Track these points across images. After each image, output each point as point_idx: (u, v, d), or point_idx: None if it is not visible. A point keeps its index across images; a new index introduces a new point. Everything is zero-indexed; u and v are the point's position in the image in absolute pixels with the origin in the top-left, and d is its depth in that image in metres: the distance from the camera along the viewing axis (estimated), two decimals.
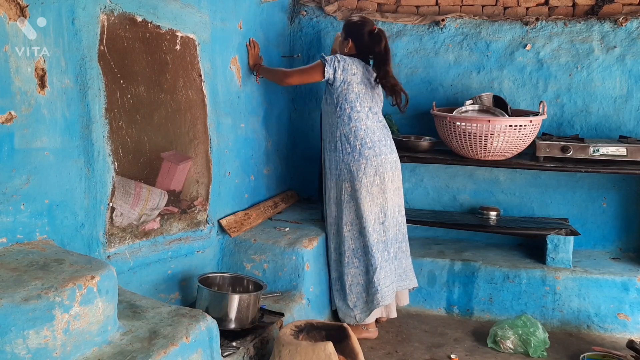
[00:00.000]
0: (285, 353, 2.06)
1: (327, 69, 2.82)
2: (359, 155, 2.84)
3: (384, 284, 2.86)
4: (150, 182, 2.34)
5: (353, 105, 2.85)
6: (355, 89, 2.85)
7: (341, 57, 2.84)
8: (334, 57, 2.85)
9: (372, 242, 2.86)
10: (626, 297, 3.03)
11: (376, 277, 2.84)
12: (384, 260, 2.90)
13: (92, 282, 1.52)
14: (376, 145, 2.87)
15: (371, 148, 2.85)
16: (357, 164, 2.84)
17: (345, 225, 2.91)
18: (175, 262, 2.53)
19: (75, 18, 1.92)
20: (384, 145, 2.91)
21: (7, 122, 1.68)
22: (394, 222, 2.96)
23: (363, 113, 2.87)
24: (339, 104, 2.87)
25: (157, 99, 2.38)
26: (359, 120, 2.85)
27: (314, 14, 3.84)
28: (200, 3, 2.66)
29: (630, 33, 3.35)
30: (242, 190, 3.18)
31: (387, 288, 2.88)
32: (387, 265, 2.91)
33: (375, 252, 2.86)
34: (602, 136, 3.44)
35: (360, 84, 2.87)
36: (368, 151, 2.84)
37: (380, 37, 2.89)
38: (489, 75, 3.60)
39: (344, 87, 2.84)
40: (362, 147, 2.84)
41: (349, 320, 2.93)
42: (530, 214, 3.60)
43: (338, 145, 2.89)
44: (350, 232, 2.91)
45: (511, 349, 2.80)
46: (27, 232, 1.77)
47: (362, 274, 2.90)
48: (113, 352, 1.53)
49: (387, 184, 2.89)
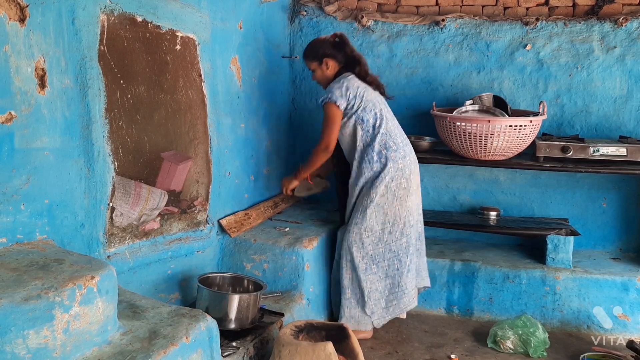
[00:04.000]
0: (285, 353, 2.06)
1: (339, 103, 2.83)
2: (386, 160, 2.82)
3: (410, 286, 2.89)
4: (150, 182, 2.34)
5: (374, 113, 2.86)
6: (369, 96, 2.88)
7: (336, 83, 2.88)
8: (331, 89, 2.86)
9: (399, 247, 2.86)
10: (626, 297, 3.03)
11: (403, 281, 2.85)
12: (413, 264, 2.91)
13: (92, 282, 1.52)
14: (400, 147, 2.87)
15: (396, 151, 2.85)
16: (383, 168, 2.82)
17: (365, 230, 2.85)
18: (175, 262, 2.53)
19: (75, 18, 1.92)
20: (406, 145, 2.92)
21: (7, 122, 1.68)
22: (417, 223, 2.97)
23: (384, 117, 2.88)
24: (359, 117, 2.86)
25: (157, 99, 2.38)
26: (381, 126, 2.85)
27: (314, 14, 3.84)
28: (200, 3, 2.66)
29: (630, 33, 3.35)
30: (242, 190, 3.18)
31: (414, 291, 2.92)
32: (413, 269, 2.92)
33: (403, 257, 2.86)
34: (602, 136, 3.44)
35: (368, 91, 2.90)
36: (394, 154, 2.84)
37: (343, 38, 2.96)
38: (489, 76, 3.60)
39: (358, 102, 2.85)
40: (387, 151, 2.83)
41: (362, 327, 2.89)
42: (530, 214, 3.60)
43: (364, 156, 2.87)
44: (369, 237, 2.85)
45: (511, 349, 2.80)
46: (27, 232, 1.77)
47: (380, 279, 2.87)
48: (113, 352, 1.53)
49: (412, 185, 2.89)
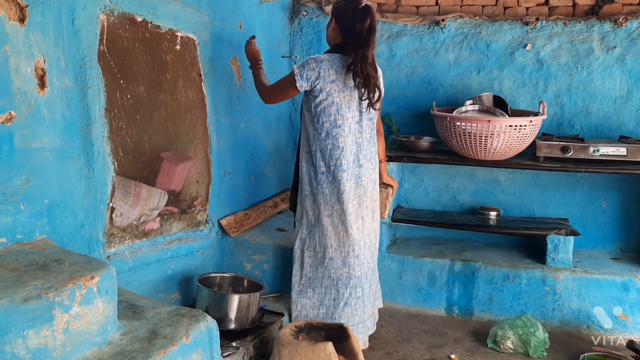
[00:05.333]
0: (285, 353, 2.06)
1: (299, 83, 2.40)
2: (333, 179, 2.45)
3: (347, 322, 2.49)
4: (150, 182, 2.34)
5: (333, 119, 2.42)
6: (336, 99, 2.41)
7: (315, 60, 2.40)
8: (306, 63, 2.41)
9: (339, 276, 2.52)
10: (626, 297, 3.03)
11: (337, 314, 2.52)
12: (354, 297, 2.54)
13: (92, 282, 1.52)
14: (350, 168, 2.47)
15: (345, 171, 2.45)
16: (331, 187, 2.47)
17: (307, 249, 2.55)
18: (175, 262, 2.53)
19: (75, 18, 1.92)
20: (358, 166, 2.50)
21: (7, 122, 1.68)
22: (372, 252, 2.64)
23: (345, 127, 2.43)
24: (317, 115, 2.44)
25: (157, 99, 2.38)
26: (337, 137, 2.43)
27: (314, 14, 3.84)
28: (200, 3, 2.66)
29: (630, 33, 3.35)
30: (242, 190, 3.18)
31: (353, 327, 2.48)
32: (359, 303, 2.56)
33: (341, 288, 2.52)
34: (602, 136, 3.44)
35: (342, 92, 2.42)
36: (342, 175, 2.44)
37: (365, 12, 2.39)
38: (489, 75, 3.60)
39: (322, 98, 2.41)
40: (336, 169, 2.44)
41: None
42: (530, 214, 3.60)
43: (313, 161, 2.49)
44: (310, 258, 2.55)
45: (511, 349, 2.80)
46: (27, 232, 1.77)
47: (314, 307, 2.56)
48: (113, 352, 1.53)
49: (363, 211, 2.54)
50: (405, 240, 3.66)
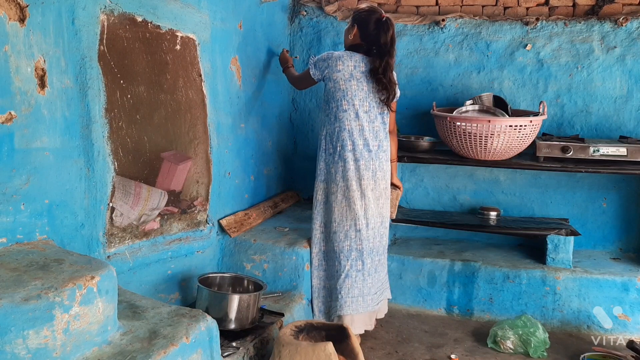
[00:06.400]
0: (285, 353, 2.06)
1: (312, 71, 2.77)
2: (338, 157, 2.71)
3: (347, 294, 2.70)
4: (150, 182, 2.34)
5: (340, 103, 2.69)
6: (342, 86, 2.67)
7: (329, 55, 2.71)
8: (321, 57, 2.75)
9: (341, 249, 2.72)
10: (626, 297, 3.03)
11: (339, 285, 2.71)
12: (354, 270, 2.73)
13: (92, 282, 1.52)
14: (357, 149, 2.69)
15: (351, 151, 2.69)
16: (336, 166, 2.72)
17: (320, 226, 2.80)
18: (175, 262, 2.53)
19: (75, 18, 1.92)
20: (367, 150, 2.71)
21: (7, 122, 1.68)
22: (375, 234, 2.78)
23: (351, 112, 2.68)
24: (328, 101, 2.75)
25: (157, 99, 2.38)
26: (344, 120, 2.68)
27: (314, 14, 3.84)
28: (200, 3, 2.66)
29: (631, 33, 3.35)
30: (242, 190, 3.18)
31: (352, 299, 2.71)
32: (359, 276, 2.73)
33: (343, 260, 2.72)
34: (602, 136, 3.44)
35: (349, 81, 2.67)
36: (347, 154, 2.69)
37: (387, 25, 2.68)
38: (489, 75, 3.60)
39: (330, 85, 2.71)
40: (342, 149, 2.70)
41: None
42: (530, 214, 3.60)
43: (322, 144, 2.78)
44: (322, 234, 2.80)
45: (511, 349, 2.80)
46: (27, 232, 1.77)
47: (327, 278, 2.81)
48: (113, 352, 1.53)
49: (365, 191, 2.71)
50: (406, 240, 3.67)
